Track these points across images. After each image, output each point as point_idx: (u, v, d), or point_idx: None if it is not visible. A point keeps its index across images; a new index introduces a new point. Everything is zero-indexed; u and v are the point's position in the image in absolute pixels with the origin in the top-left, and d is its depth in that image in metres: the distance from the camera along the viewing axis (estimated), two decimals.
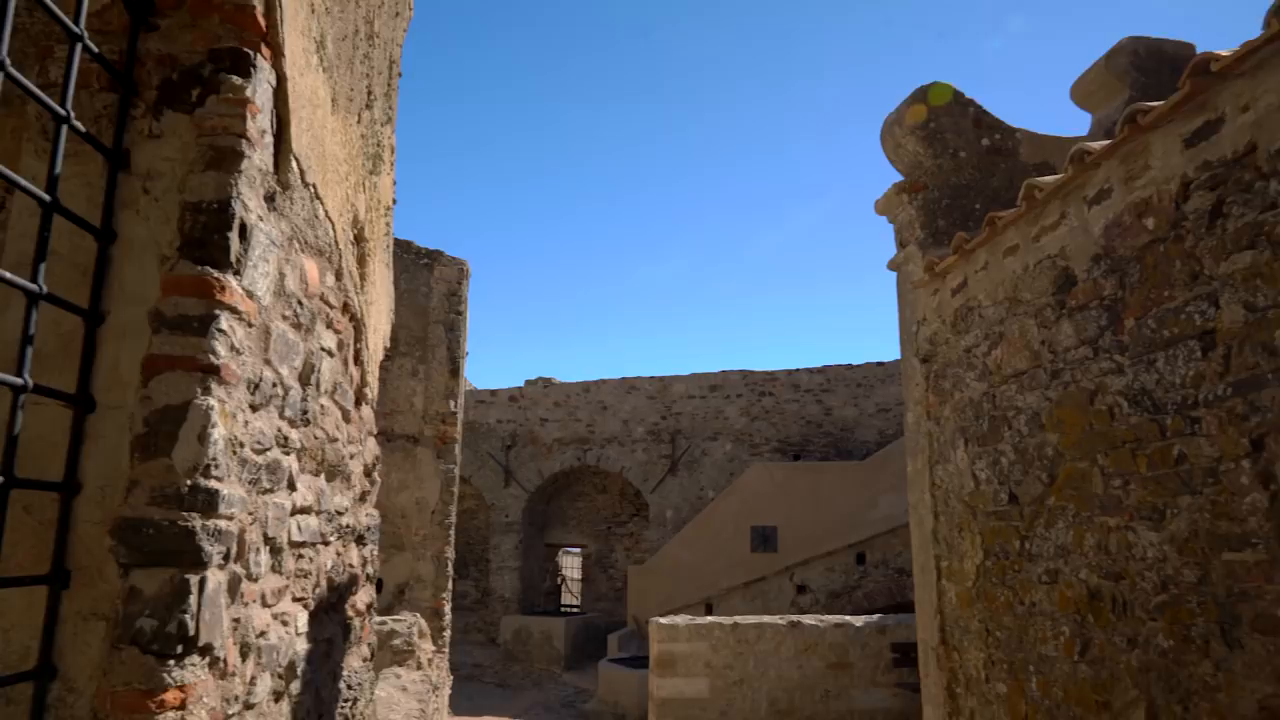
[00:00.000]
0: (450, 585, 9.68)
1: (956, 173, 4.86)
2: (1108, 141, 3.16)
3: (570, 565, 21.88)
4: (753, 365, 22.15)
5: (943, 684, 4.50)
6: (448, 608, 9.62)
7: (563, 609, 20.08)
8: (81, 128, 1.59)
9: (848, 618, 8.49)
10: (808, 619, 8.39)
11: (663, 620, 8.41)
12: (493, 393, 19.33)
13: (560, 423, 18.70)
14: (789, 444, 17.37)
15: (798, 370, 17.68)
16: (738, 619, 8.40)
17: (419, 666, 7.84)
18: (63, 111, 1.53)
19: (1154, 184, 2.98)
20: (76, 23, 1.56)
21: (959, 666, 4.37)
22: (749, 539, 14.68)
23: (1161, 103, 2.88)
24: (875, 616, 8.64)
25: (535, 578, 19.47)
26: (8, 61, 1.32)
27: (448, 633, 9.68)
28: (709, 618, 8.62)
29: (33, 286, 1.47)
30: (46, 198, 1.50)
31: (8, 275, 1.39)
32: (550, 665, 15.56)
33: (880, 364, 17.21)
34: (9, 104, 2.13)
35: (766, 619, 8.41)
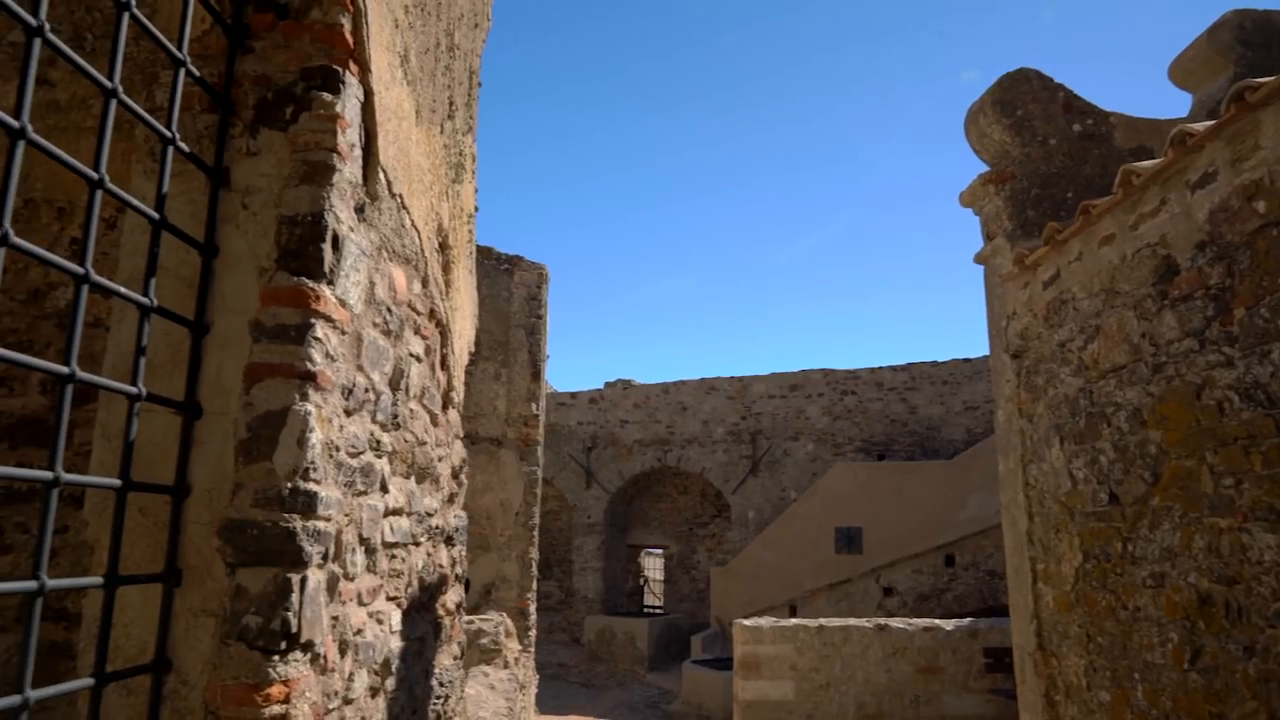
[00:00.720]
0: (535, 585, 9.82)
1: (1046, 161, 4.69)
2: (1212, 122, 3.00)
3: (652, 566, 21.95)
4: (834, 364, 21.84)
5: (1041, 691, 4.34)
6: (533, 607, 9.76)
7: (645, 610, 20.15)
8: (185, 148, 1.67)
9: (937, 621, 8.28)
10: (895, 622, 8.21)
11: (746, 622, 8.36)
12: (573, 395, 19.54)
13: (640, 424, 18.78)
14: (873, 443, 17.05)
15: (881, 368, 17.34)
16: (823, 621, 8.28)
17: (506, 665, 7.98)
18: (168, 133, 1.61)
19: (1264, 165, 2.81)
20: (180, 49, 1.64)
21: (1058, 673, 4.21)
22: (833, 540, 14.47)
23: (1272, 79, 2.72)
24: (966, 620, 8.40)
25: (618, 578, 19.59)
26: (120, 89, 1.40)
27: (533, 632, 9.82)
28: (793, 620, 8.52)
29: (144, 300, 1.55)
30: (155, 216, 1.58)
31: (122, 290, 1.47)
32: (634, 666, 15.63)
33: (967, 360, 16.73)
34: (119, 128, 2.25)
35: (853, 621, 8.27)
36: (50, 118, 3.19)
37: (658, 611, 19.45)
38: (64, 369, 1.32)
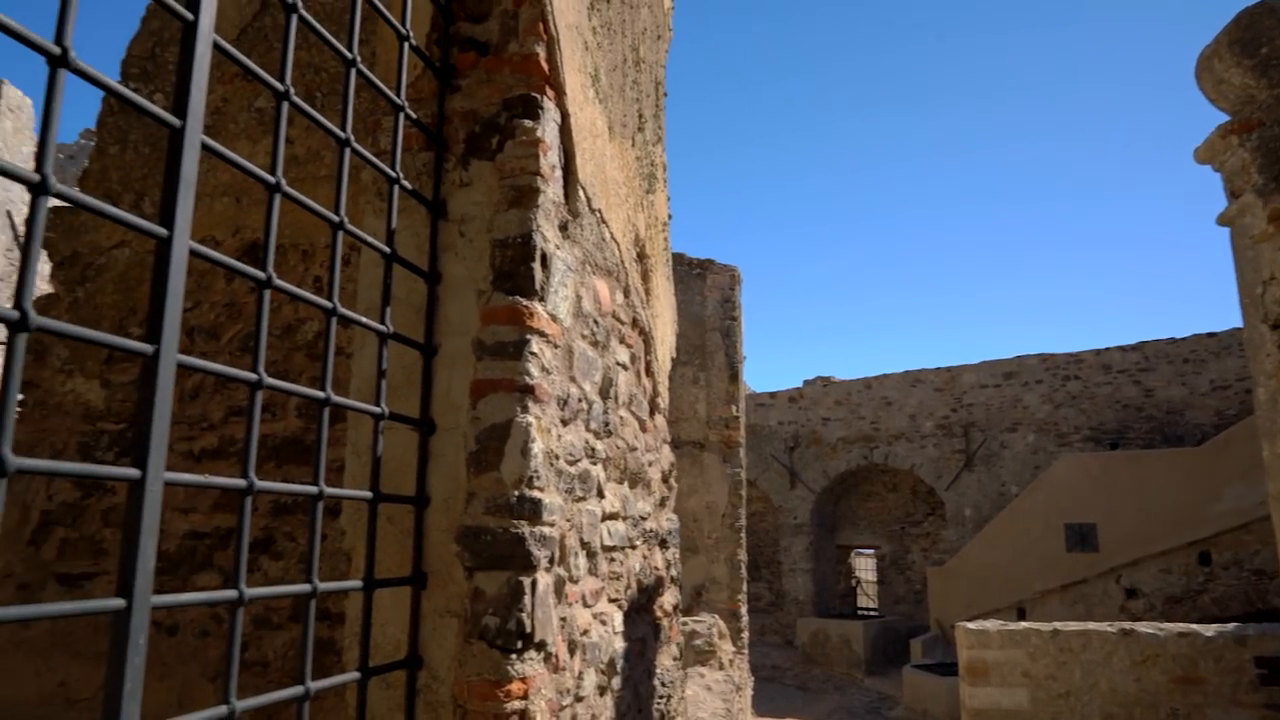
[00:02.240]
0: (744, 587, 9.81)
1: None
2: None
3: (864, 567, 21.31)
4: (1052, 348, 20.26)
5: None
6: (744, 609, 9.76)
7: (859, 612, 19.59)
8: (408, 185, 1.82)
9: (1194, 626, 7.45)
10: (1143, 627, 7.48)
11: (971, 625, 7.91)
12: (772, 395, 19.38)
13: (843, 421, 18.30)
14: (1103, 431, 15.64)
15: (1108, 349, 15.88)
16: (1057, 625, 7.68)
17: (721, 667, 8.02)
18: (393, 174, 1.75)
19: None
20: (398, 95, 1.78)
21: None
22: (1063, 537, 13.40)
23: None
24: (1230, 625, 7.50)
25: (828, 580, 19.18)
26: (353, 139, 1.54)
27: (745, 634, 9.81)
28: (1024, 623, 7.97)
29: (382, 328, 1.70)
30: (387, 250, 1.73)
31: (363, 320, 1.62)
32: (850, 669, 15.23)
33: (1212, 335, 14.97)
34: (349, 174, 2.48)
35: (1092, 626, 7.61)
36: (291, 171, 3.58)
37: (872, 614, 18.84)
38: (320, 394, 1.47)
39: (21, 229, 15.37)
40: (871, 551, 20.12)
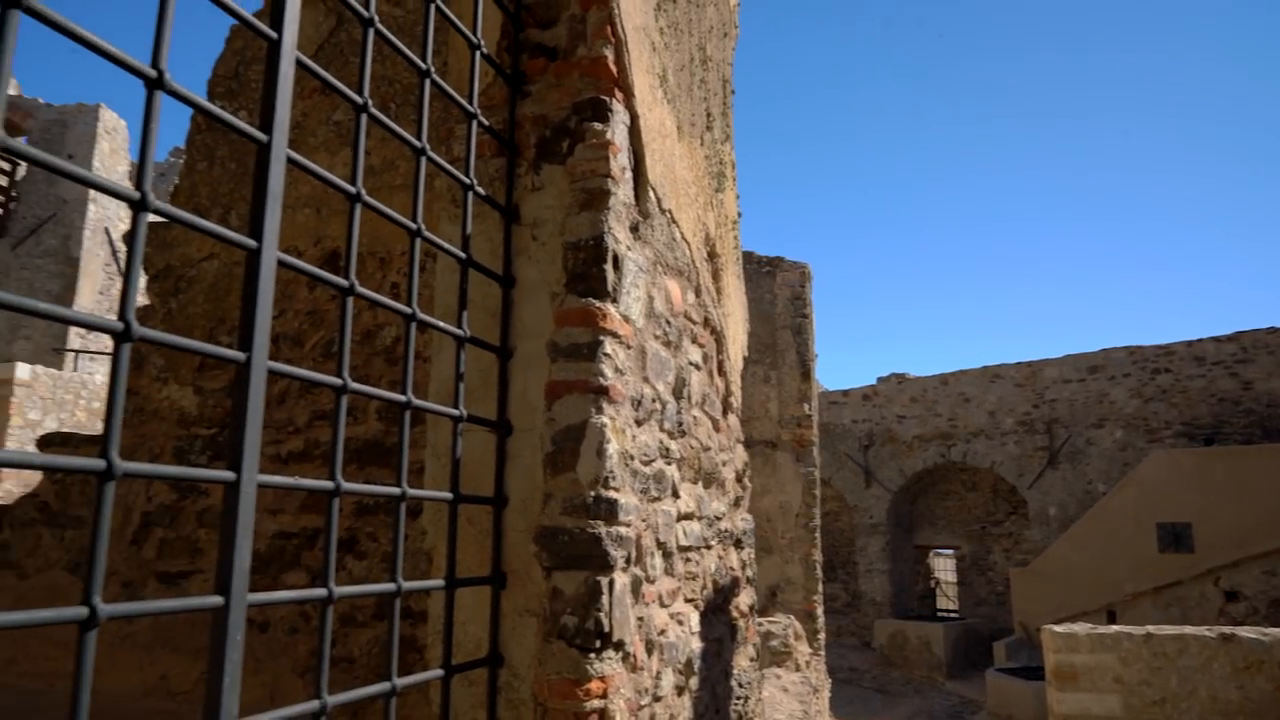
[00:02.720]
0: (820, 588, 9.69)
1: None
2: None
3: (943, 568, 20.82)
4: (1139, 339, 19.46)
5: None
6: (820, 610, 9.63)
7: (939, 614, 19.13)
8: (482, 191, 1.85)
9: None
10: (1246, 631, 7.11)
11: (1058, 628, 7.64)
12: (845, 393, 19.09)
13: (919, 419, 17.91)
14: (1196, 427, 14.96)
15: (1200, 340, 15.18)
16: (1150, 629, 7.36)
17: (797, 668, 7.93)
18: (467, 180, 1.78)
19: None
20: (470, 103, 1.82)
21: None
22: (1154, 537, 12.86)
23: None
24: None
25: (906, 580, 18.80)
26: (428, 148, 1.58)
27: (821, 635, 9.69)
28: (1114, 627, 7.66)
29: (459, 332, 1.73)
30: (462, 256, 1.76)
31: (441, 324, 1.66)
32: (930, 672, 14.89)
33: None
34: (424, 181, 2.53)
35: (1189, 630, 7.27)
36: (367, 181, 3.68)
37: (953, 615, 18.39)
38: (401, 398, 1.51)
39: (119, 244, 16.15)
40: (951, 552, 19.64)
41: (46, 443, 4.39)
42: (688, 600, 2.42)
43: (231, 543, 1.08)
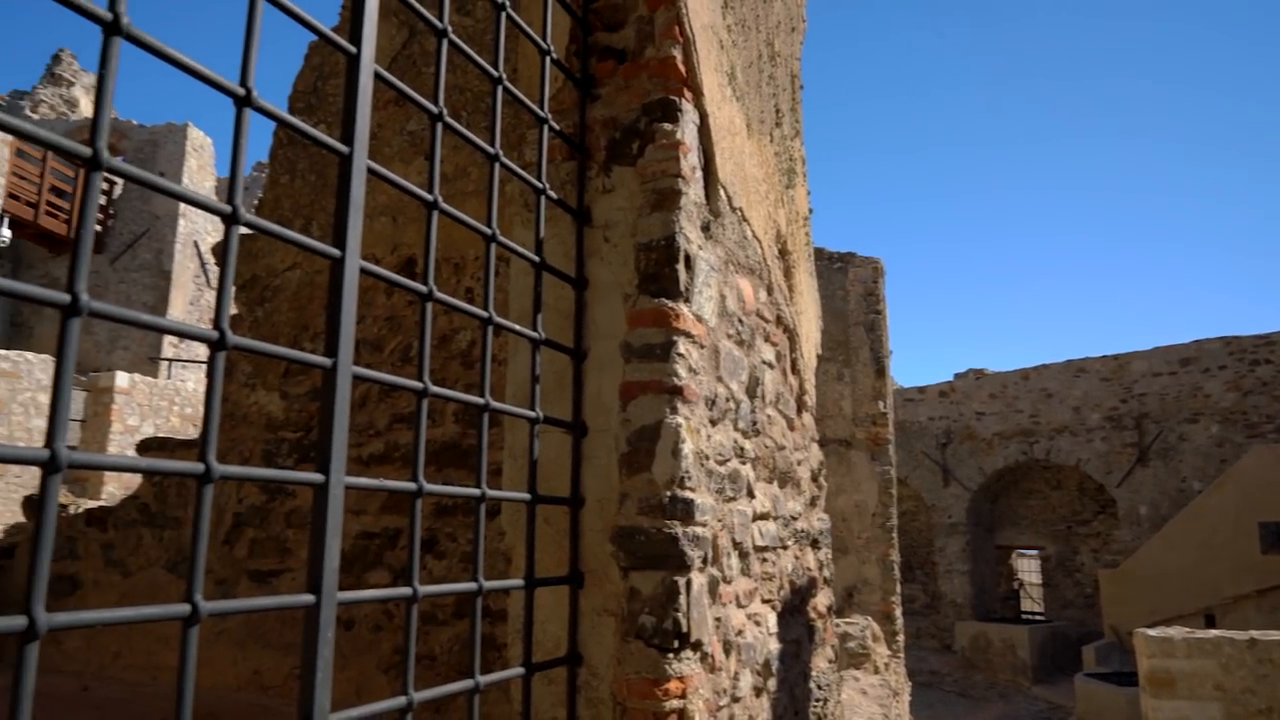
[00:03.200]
0: (898, 589, 9.50)
1: None
2: None
3: (1026, 569, 20.19)
4: (1235, 330, 18.55)
5: None
6: (898, 611, 9.45)
7: (1023, 616, 18.56)
8: (554, 195, 1.86)
9: None
10: None
11: (1153, 632, 7.34)
12: (921, 390, 18.67)
13: (999, 415, 17.40)
14: None
15: None
16: (1254, 634, 7.01)
17: (876, 671, 7.79)
18: (540, 185, 1.81)
19: None
20: (541, 109, 1.84)
21: None
22: (1257, 538, 12.23)
23: None
24: None
25: (987, 581, 18.28)
26: (502, 154, 1.60)
27: (900, 637, 9.50)
28: (1214, 631, 7.32)
29: (534, 334, 1.75)
30: (536, 259, 1.79)
31: (516, 327, 1.68)
32: (1015, 676, 14.45)
33: None
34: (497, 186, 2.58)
35: None
36: (441, 188, 3.76)
37: (1038, 618, 17.81)
38: (480, 400, 1.53)
39: (208, 257, 16.85)
40: (1035, 552, 19.03)
41: (145, 447, 4.61)
42: (764, 601, 2.40)
43: (321, 543, 1.12)
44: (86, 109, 18.94)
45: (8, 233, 14.57)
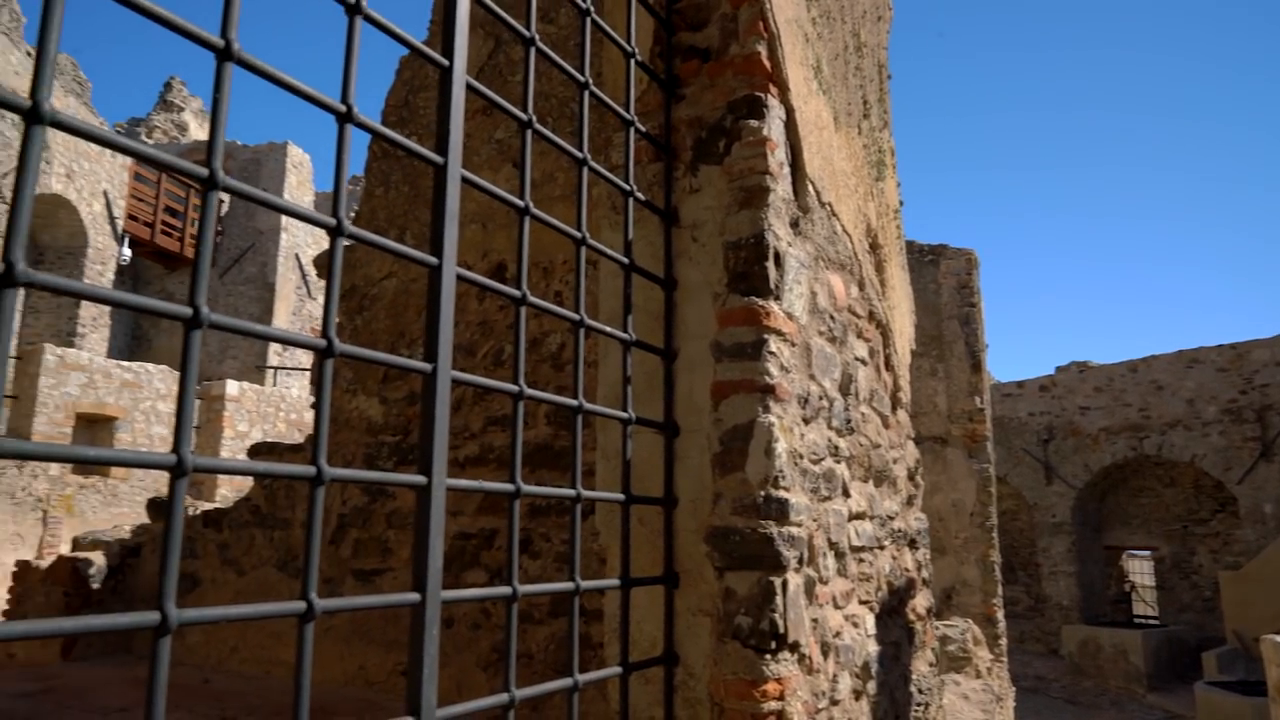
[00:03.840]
0: (999, 590, 9.19)
1: None
2: None
3: (1138, 570, 19.23)
4: None
5: None
6: (1000, 614, 9.13)
7: (1136, 620, 17.68)
8: (642, 197, 1.87)
9: None
10: None
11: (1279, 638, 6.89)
12: (1020, 384, 18.01)
13: (1105, 410, 16.63)
14: None
15: None
16: None
17: (978, 675, 7.55)
18: (627, 187, 1.81)
19: None
20: (627, 111, 1.85)
21: None
22: None
23: None
24: None
25: (1095, 583, 17.49)
26: (589, 158, 1.62)
27: (1003, 641, 9.17)
28: None
29: (625, 335, 1.76)
30: (625, 261, 1.80)
31: (607, 329, 1.69)
32: (1128, 684, 13.78)
33: None
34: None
35: None
36: (529, 194, 3.82)
37: (1152, 622, 16.94)
38: (573, 402, 1.55)
39: (308, 269, 17.57)
40: (1147, 553, 18.10)
41: (255, 452, 4.84)
42: (862, 602, 2.35)
43: (425, 543, 1.15)
44: (195, 132, 20.02)
45: (128, 251, 15.53)
